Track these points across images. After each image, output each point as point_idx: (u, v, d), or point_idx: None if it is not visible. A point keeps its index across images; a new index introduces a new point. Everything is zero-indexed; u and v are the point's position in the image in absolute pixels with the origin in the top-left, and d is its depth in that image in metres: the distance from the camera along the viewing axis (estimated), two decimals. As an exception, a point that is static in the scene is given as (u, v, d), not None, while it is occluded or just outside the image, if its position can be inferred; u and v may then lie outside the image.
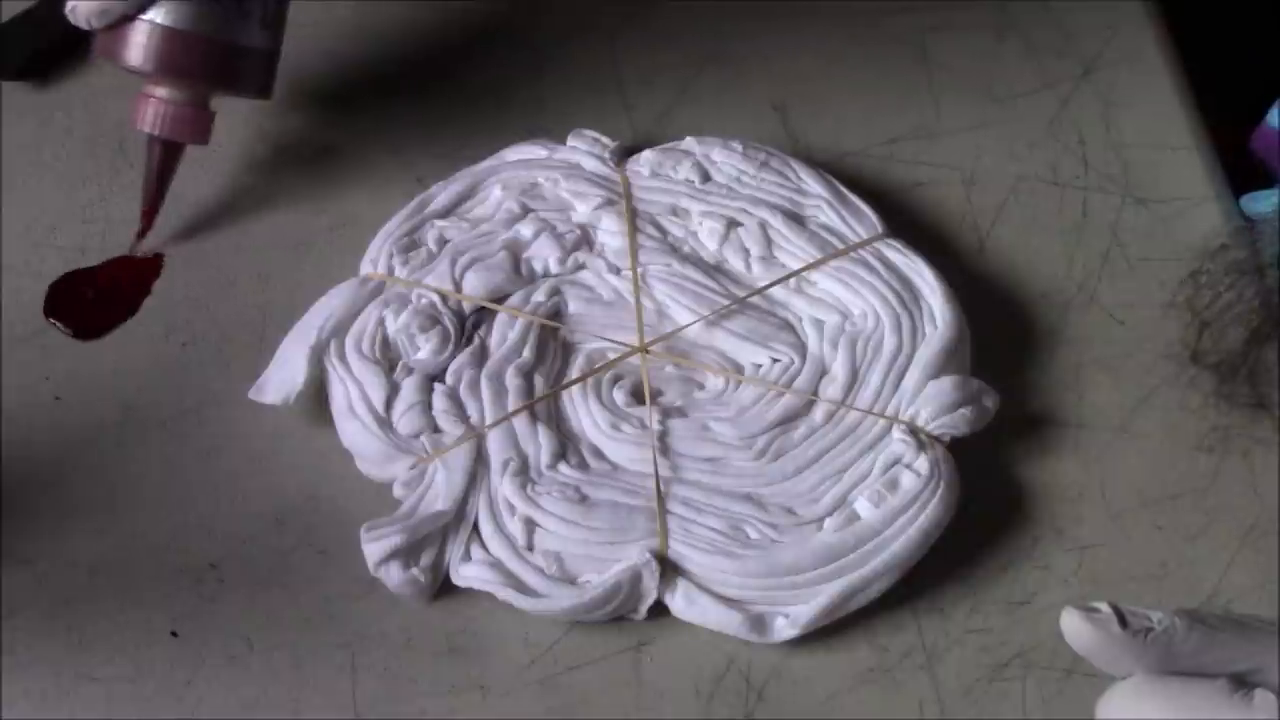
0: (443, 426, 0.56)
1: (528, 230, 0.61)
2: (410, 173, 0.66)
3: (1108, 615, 0.45)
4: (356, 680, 0.52)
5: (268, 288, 0.62)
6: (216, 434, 0.58)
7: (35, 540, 0.55)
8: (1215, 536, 0.56)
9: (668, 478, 0.55)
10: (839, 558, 0.53)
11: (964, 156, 0.67)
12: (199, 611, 0.54)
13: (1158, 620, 0.45)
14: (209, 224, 0.65)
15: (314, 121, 0.68)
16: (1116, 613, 0.45)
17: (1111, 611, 0.45)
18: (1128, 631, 0.44)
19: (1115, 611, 0.45)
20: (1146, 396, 0.59)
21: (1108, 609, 0.45)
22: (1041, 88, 0.69)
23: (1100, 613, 0.45)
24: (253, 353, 0.60)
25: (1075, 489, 0.57)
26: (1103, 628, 0.44)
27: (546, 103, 0.69)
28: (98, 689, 0.52)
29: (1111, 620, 0.45)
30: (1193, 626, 0.44)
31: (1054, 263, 0.63)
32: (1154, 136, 0.67)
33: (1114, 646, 0.45)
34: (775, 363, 0.58)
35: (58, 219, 0.65)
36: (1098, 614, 0.45)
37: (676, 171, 0.63)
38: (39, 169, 0.66)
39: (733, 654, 0.53)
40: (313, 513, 0.56)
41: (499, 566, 0.54)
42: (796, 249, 0.61)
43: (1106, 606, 0.45)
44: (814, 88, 0.69)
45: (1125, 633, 0.44)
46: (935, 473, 0.55)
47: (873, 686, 0.52)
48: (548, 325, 0.59)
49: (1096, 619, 0.45)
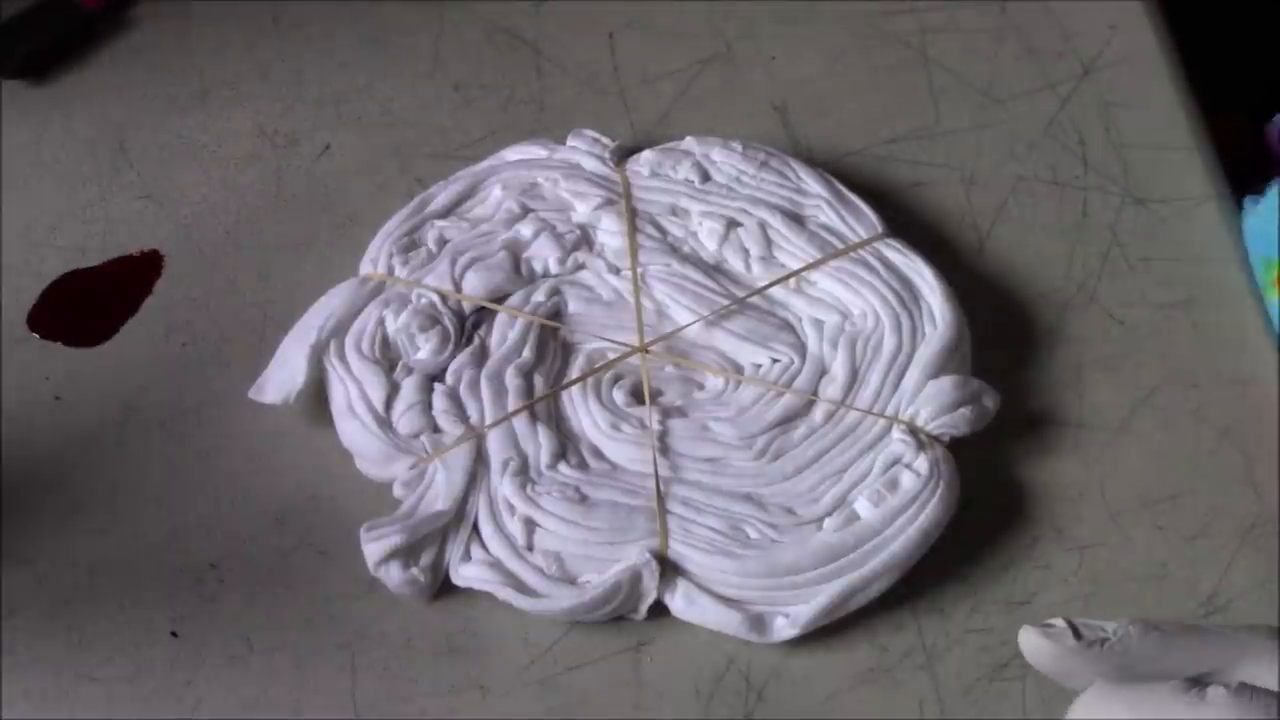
0: (443, 426, 0.56)
1: (528, 230, 0.61)
2: (410, 173, 0.66)
3: (1062, 629, 0.45)
4: (356, 680, 0.52)
5: (268, 288, 0.62)
6: (216, 434, 0.58)
7: (35, 540, 0.55)
8: (1215, 536, 0.56)
9: (668, 478, 0.55)
10: (839, 558, 0.53)
11: (964, 156, 0.67)
12: (199, 611, 0.54)
13: (1112, 630, 0.45)
14: (209, 224, 0.65)
15: (314, 121, 0.68)
16: (1071, 626, 0.45)
17: (1066, 625, 0.45)
18: (1083, 643, 0.45)
19: (1070, 625, 0.45)
20: (1146, 396, 0.59)
21: (1062, 623, 0.45)
22: (1041, 88, 0.69)
23: (1055, 628, 0.45)
24: (253, 353, 0.60)
25: (1075, 489, 0.57)
26: (1059, 641, 0.45)
27: (546, 103, 0.69)
28: (98, 689, 0.52)
29: (1066, 634, 0.45)
30: (1147, 633, 0.45)
31: (1054, 263, 0.63)
32: (1154, 136, 0.67)
33: (1072, 659, 0.45)
34: (775, 363, 0.58)
35: (58, 219, 0.65)
36: (1053, 629, 0.45)
37: (676, 171, 0.63)
38: (39, 169, 0.66)
39: (733, 654, 0.53)
40: (313, 513, 0.56)
41: (499, 566, 0.54)
42: (796, 249, 0.61)
43: (1061, 621, 0.45)
44: (814, 88, 0.69)
45: (1080, 645, 0.45)
46: (935, 473, 0.55)
47: (873, 686, 0.52)
48: (548, 325, 0.59)
49: (1052, 634, 0.45)
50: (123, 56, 0.71)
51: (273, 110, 0.68)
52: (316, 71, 0.70)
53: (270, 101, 0.69)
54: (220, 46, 0.71)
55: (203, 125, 0.68)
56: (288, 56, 0.70)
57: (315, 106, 0.69)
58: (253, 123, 0.68)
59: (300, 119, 0.68)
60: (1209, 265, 0.63)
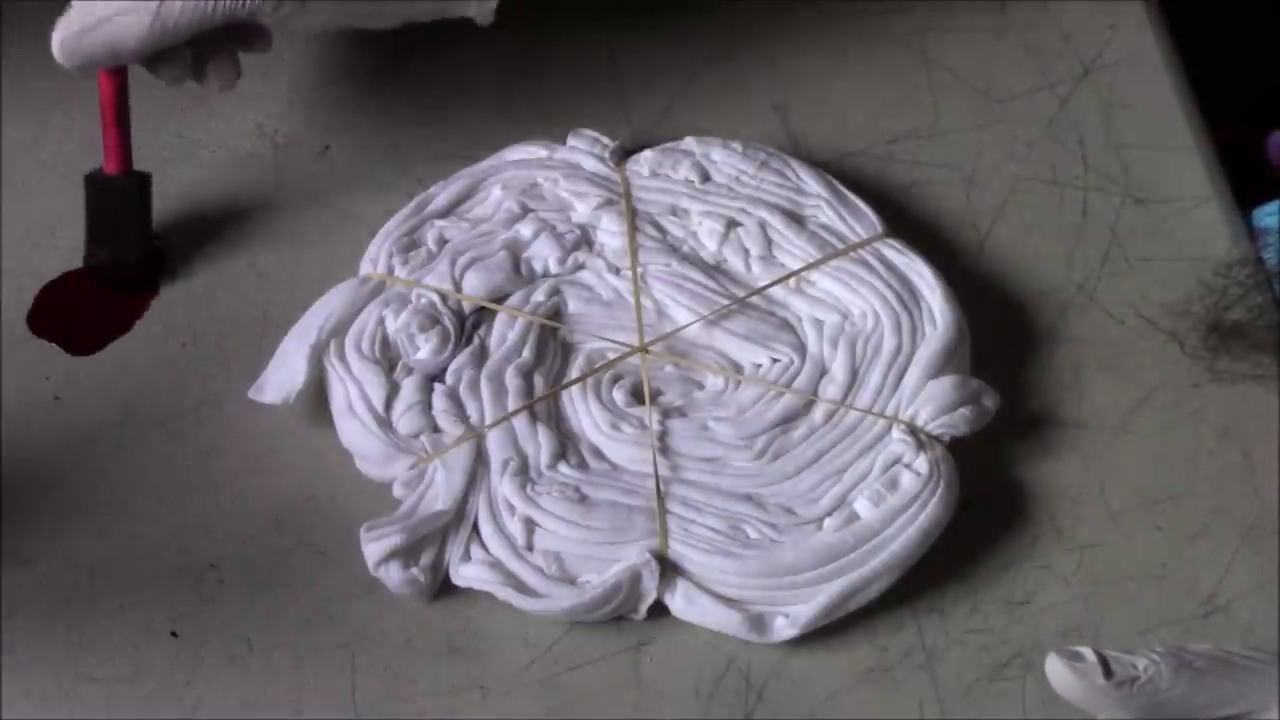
0: (443, 426, 0.56)
1: (527, 230, 0.61)
2: (410, 173, 0.66)
3: (1092, 664, 0.44)
4: (356, 680, 0.52)
5: (268, 288, 0.62)
6: (216, 434, 0.58)
7: (35, 540, 0.55)
8: (1215, 536, 0.56)
9: (667, 478, 0.55)
10: (839, 557, 0.53)
11: (964, 156, 0.67)
12: (199, 611, 0.54)
13: (1144, 668, 0.44)
14: (209, 224, 0.65)
15: (314, 121, 0.68)
16: (1101, 660, 0.44)
17: (1096, 660, 0.44)
18: (1112, 682, 0.44)
19: (1100, 659, 0.44)
20: (1146, 396, 0.59)
21: (1093, 657, 0.44)
22: (1041, 88, 0.69)
23: (1085, 660, 0.44)
24: (253, 353, 0.60)
25: (1075, 489, 0.57)
26: (1087, 678, 0.44)
27: (546, 103, 0.69)
28: (98, 689, 0.52)
29: (1096, 670, 0.44)
30: (1180, 671, 0.44)
31: (1054, 263, 0.63)
32: (1154, 136, 0.67)
33: (1100, 694, 0.44)
34: (775, 363, 0.58)
35: (58, 219, 0.65)
36: (1082, 663, 0.44)
37: (676, 171, 0.63)
38: (39, 169, 0.66)
39: (732, 654, 0.53)
40: (313, 513, 0.56)
41: (499, 566, 0.54)
42: (796, 249, 0.61)
43: (1092, 654, 0.44)
44: (814, 88, 0.69)
45: (1110, 684, 0.44)
46: (935, 472, 0.55)
47: (873, 686, 0.52)
48: (548, 325, 0.59)
49: (1080, 668, 0.44)
50: (123, 56, 0.71)
51: (273, 110, 0.68)
52: (316, 71, 0.70)
53: (270, 101, 0.69)
54: (220, 46, 0.71)
55: (203, 125, 0.68)
56: (288, 56, 0.70)
57: (315, 106, 0.69)
58: (253, 123, 0.68)
59: (300, 119, 0.68)
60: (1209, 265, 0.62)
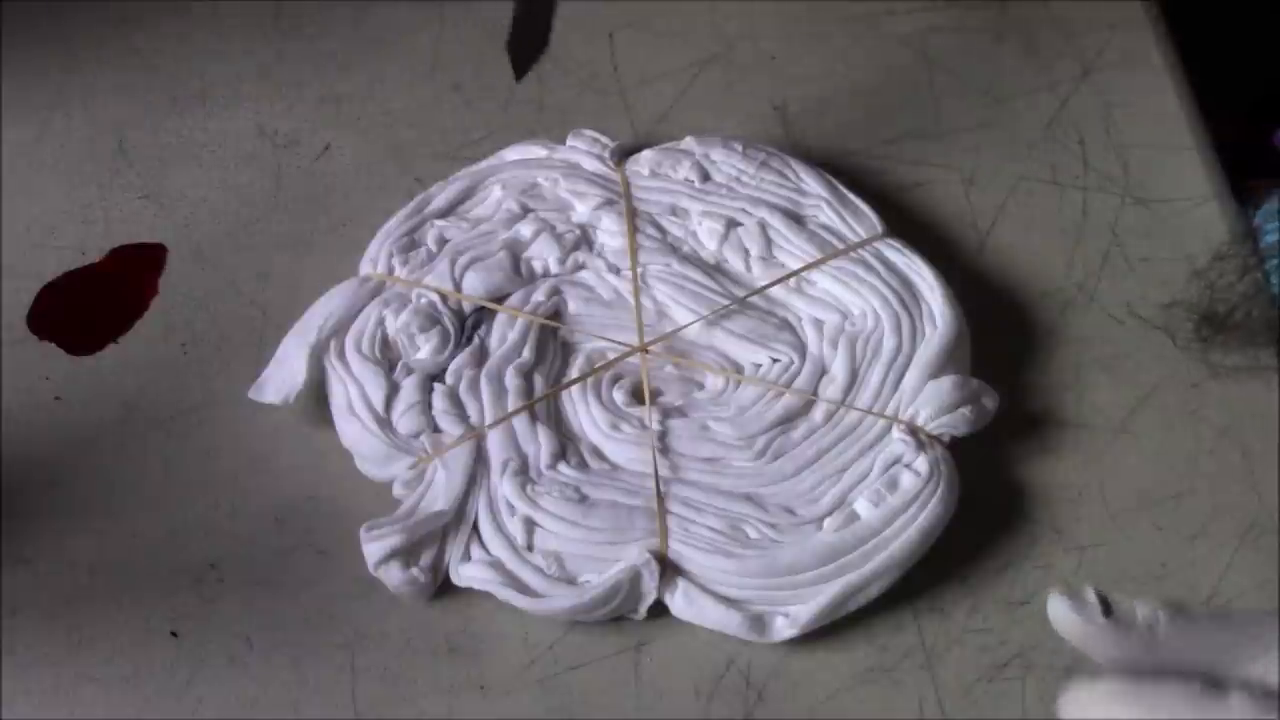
0: (442, 426, 0.56)
1: (527, 230, 0.61)
2: (410, 173, 0.66)
3: (1093, 604, 0.45)
4: (356, 680, 0.52)
5: (268, 288, 0.62)
6: (216, 434, 0.58)
7: (35, 540, 0.55)
8: (1215, 536, 0.56)
9: (667, 478, 0.55)
10: (839, 557, 0.53)
11: (964, 156, 0.67)
12: (199, 611, 0.54)
13: (1142, 612, 0.45)
14: (209, 224, 0.65)
15: (314, 121, 0.68)
16: (1102, 601, 0.45)
17: (1097, 600, 0.45)
18: (1110, 622, 0.45)
19: (1101, 600, 0.45)
20: (1146, 396, 0.59)
21: (1094, 597, 0.45)
22: (1041, 88, 0.69)
23: (1085, 601, 0.45)
24: (253, 353, 0.60)
25: (1075, 489, 0.57)
26: (1088, 616, 0.45)
27: (546, 103, 0.69)
28: (98, 689, 0.52)
29: (1096, 609, 0.45)
30: (1176, 618, 0.45)
31: (1054, 263, 0.63)
32: (1154, 136, 0.67)
33: (1098, 634, 0.45)
34: (775, 363, 0.58)
35: (58, 219, 0.65)
36: (1083, 602, 0.45)
37: (676, 171, 0.63)
38: (39, 169, 0.66)
39: (732, 654, 0.53)
40: (313, 513, 0.56)
41: (499, 566, 0.54)
42: (796, 249, 0.61)
43: (1093, 594, 0.45)
44: (814, 88, 0.69)
45: (1109, 621, 0.45)
46: (935, 472, 0.55)
47: (873, 686, 0.52)
48: (547, 325, 0.59)
49: (1081, 607, 0.45)
50: (123, 56, 0.71)
51: (273, 110, 0.68)
52: (316, 71, 0.70)
53: (270, 101, 0.69)
54: (220, 46, 0.71)
55: (203, 125, 0.68)
56: (288, 56, 0.70)
57: (315, 106, 0.69)
58: (253, 123, 0.68)
59: (300, 119, 0.68)
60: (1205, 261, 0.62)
